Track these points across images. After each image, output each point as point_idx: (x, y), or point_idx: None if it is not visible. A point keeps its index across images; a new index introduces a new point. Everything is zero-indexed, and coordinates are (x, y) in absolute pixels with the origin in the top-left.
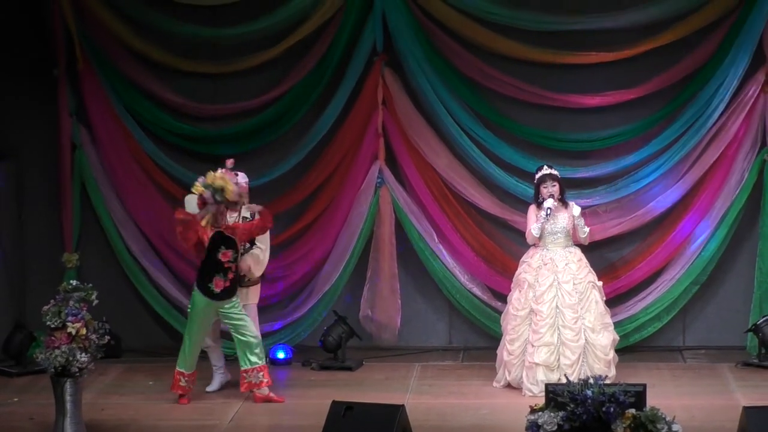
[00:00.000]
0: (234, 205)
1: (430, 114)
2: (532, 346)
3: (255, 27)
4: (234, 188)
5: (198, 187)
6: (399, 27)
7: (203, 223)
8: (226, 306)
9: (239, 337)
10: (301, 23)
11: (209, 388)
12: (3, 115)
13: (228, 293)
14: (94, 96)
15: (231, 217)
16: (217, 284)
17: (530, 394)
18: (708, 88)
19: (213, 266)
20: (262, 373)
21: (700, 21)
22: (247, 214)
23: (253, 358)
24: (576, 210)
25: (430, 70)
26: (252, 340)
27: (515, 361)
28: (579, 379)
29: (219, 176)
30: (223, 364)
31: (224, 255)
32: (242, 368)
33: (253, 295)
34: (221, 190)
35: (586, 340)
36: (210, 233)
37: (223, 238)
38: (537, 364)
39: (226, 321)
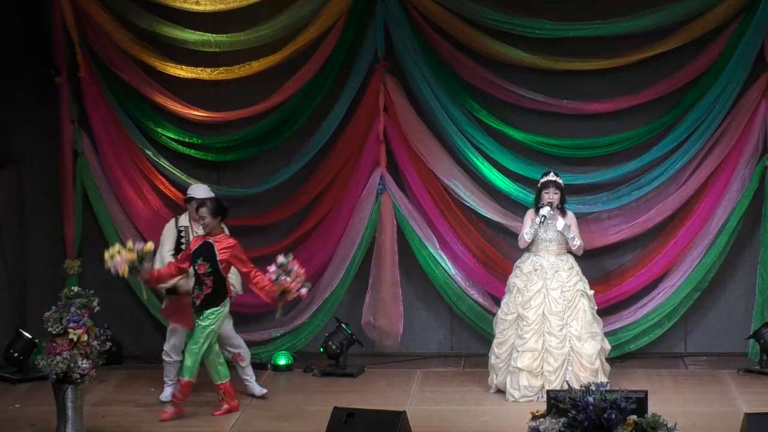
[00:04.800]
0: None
1: (432, 120)
2: (517, 351)
3: (256, 34)
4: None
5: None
6: (400, 34)
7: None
8: (197, 320)
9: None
10: (303, 30)
11: (162, 397)
12: (5, 122)
13: (200, 308)
14: (95, 103)
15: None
16: (197, 296)
17: (512, 399)
18: (709, 95)
19: (195, 278)
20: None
21: (701, 28)
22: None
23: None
24: (560, 224)
25: (431, 76)
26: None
27: (501, 364)
28: (581, 386)
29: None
30: (176, 381)
31: (200, 267)
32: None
33: None
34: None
35: (571, 348)
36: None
37: (205, 247)
38: (520, 369)
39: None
